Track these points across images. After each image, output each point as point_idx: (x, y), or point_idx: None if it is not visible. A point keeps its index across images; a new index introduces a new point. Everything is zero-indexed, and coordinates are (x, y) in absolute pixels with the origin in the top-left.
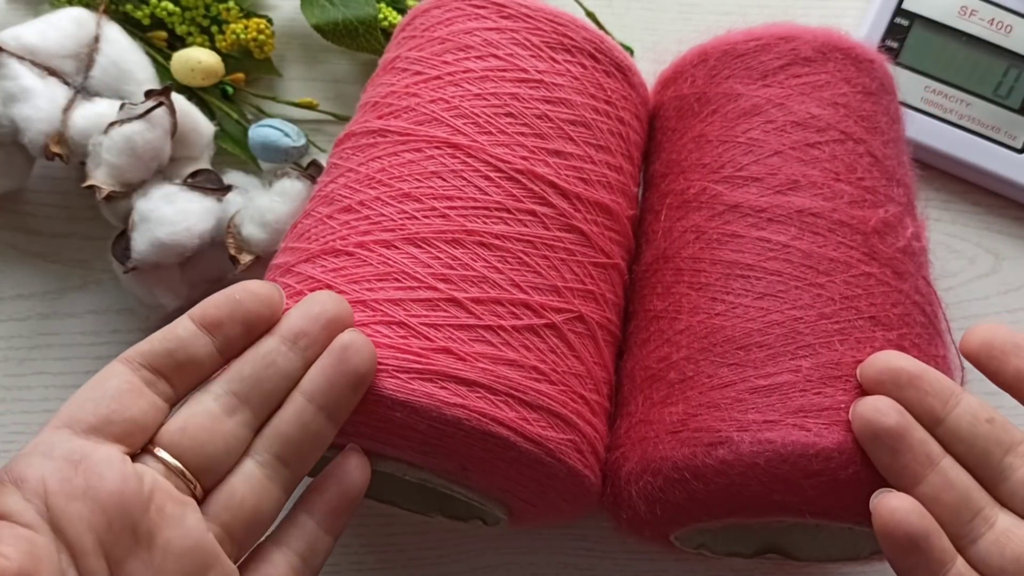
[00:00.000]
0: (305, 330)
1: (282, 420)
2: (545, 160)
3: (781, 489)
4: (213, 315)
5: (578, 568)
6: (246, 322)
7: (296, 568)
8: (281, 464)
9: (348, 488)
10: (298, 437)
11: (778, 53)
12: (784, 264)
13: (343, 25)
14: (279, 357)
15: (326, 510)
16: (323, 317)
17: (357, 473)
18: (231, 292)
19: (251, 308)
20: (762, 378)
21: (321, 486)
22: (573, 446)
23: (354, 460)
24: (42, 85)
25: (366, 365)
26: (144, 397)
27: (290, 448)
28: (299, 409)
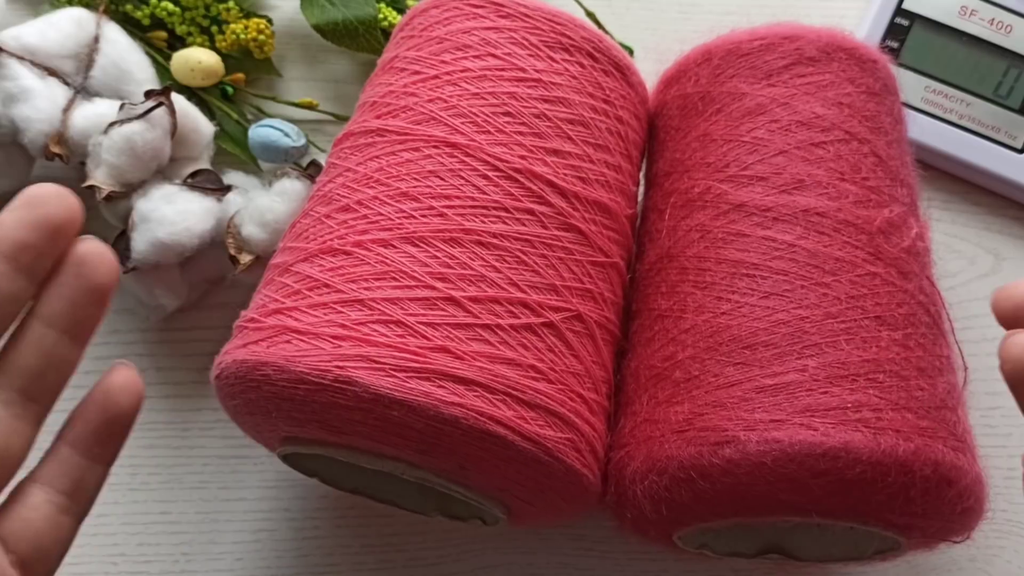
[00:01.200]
0: (27, 242)
1: (22, 352)
2: (543, 159)
3: (787, 488)
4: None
5: (578, 568)
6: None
7: (60, 505)
8: (28, 400)
9: (115, 413)
10: (41, 367)
11: (782, 53)
12: (790, 263)
13: (343, 25)
14: (2, 280)
15: (91, 439)
16: (47, 224)
17: (124, 395)
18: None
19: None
20: (768, 377)
21: (83, 411)
22: (571, 445)
23: (119, 378)
24: (42, 85)
25: (108, 276)
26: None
27: (34, 381)
28: (38, 337)
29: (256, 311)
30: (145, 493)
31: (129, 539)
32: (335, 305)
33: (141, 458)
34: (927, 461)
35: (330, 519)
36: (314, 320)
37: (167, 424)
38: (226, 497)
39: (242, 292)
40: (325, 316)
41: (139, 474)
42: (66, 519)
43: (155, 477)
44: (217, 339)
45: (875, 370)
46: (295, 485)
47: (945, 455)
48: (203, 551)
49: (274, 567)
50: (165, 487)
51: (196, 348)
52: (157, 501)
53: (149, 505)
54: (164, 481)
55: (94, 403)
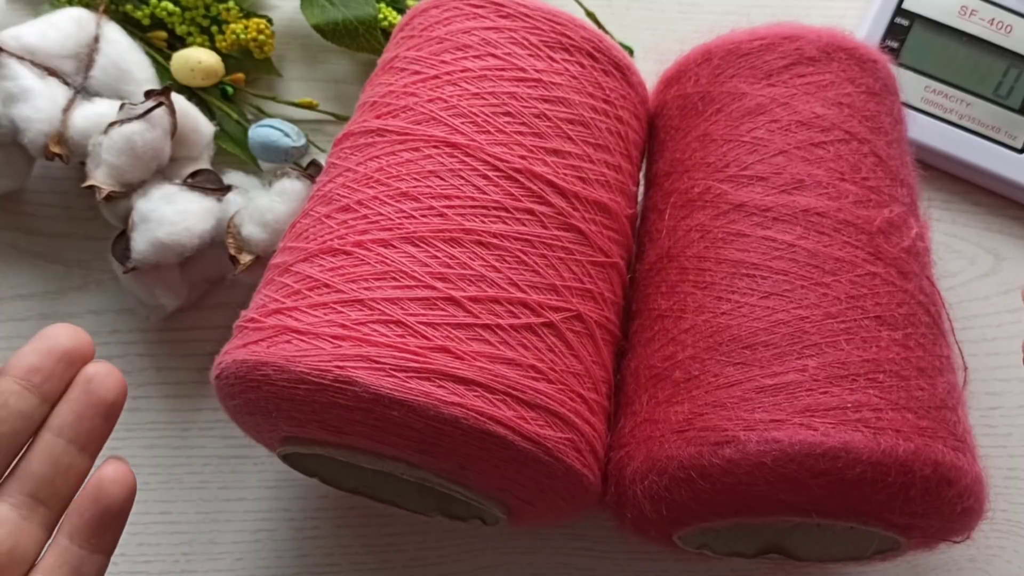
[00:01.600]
0: (38, 366)
1: (31, 459)
2: (543, 159)
3: (787, 488)
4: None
5: (578, 568)
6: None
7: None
8: (36, 503)
9: (106, 504)
10: (50, 474)
11: (782, 53)
12: (790, 263)
13: (343, 25)
14: (11, 397)
15: (87, 531)
16: (56, 350)
17: (115, 487)
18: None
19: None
20: (768, 377)
21: (78, 504)
22: (571, 445)
23: (111, 472)
24: (42, 85)
25: (113, 393)
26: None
27: (43, 486)
28: (48, 446)
29: (256, 311)
30: (145, 493)
31: (129, 539)
32: (335, 305)
33: (141, 458)
34: (927, 461)
35: (330, 519)
36: (314, 320)
37: (167, 424)
38: (226, 497)
39: (242, 292)
40: (325, 316)
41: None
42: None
43: (155, 477)
44: (217, 339)
45: (875, 370)
46: (295, 485)
47: (945, 455)
48: (203, 551)
49: (274, 567)
50: (165, 487)
51: (196, 348)
52: (157, 501)
53: (149, 505)
54: (164, 481)
55: (88, 496)
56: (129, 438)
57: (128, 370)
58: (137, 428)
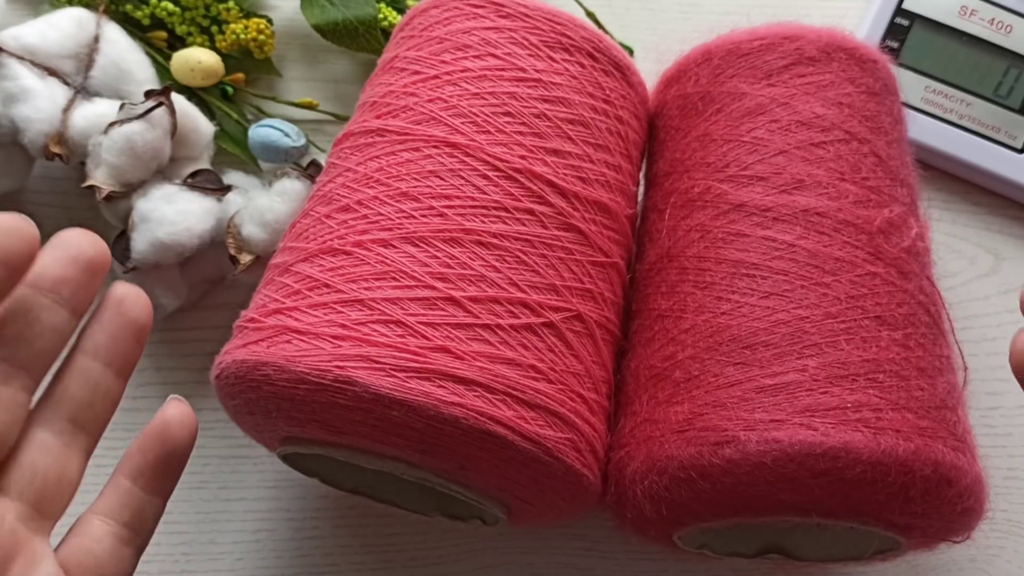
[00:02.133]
0: (65, 277)
1: (70, 383)
2: (543, 159)
3: (787, 488)
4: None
5: (578, 568)
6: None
7: (122, 537)
8: (77, 428)
9: (171, 446)
10: (89, 398)
11: (782, 53)
12: (790, 263)
13: (343, 25)
14: (43, 312)
15: (150, 473)
16: (81, 259)
17: (179, 428)
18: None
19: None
20: (768, 377)
21: (142, 446)
22: (571, 445)
23: (175, 413)
24: (42, 85)
25: (144, 315)
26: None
27: (83, 410)
28: (84, 368)
29: (256, 311)
30: None
31: None
32: (335, 305)
33: None
34: (927, 461)
35: (330, 519)
36: (314, 320)
37: None
38: (226, 497)
39: (242, 292)
40: (325, 316)
41: None
42: (127, 550)
43: None
44: (217, 339)
45: (875, 370)
46: (295, 485)
47: (945, 455)
48: (203, 551)
49: (274, 567)
50: None
51: (196, 348)
52: None
53: None
54: None
55: (152, 437)
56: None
57: None
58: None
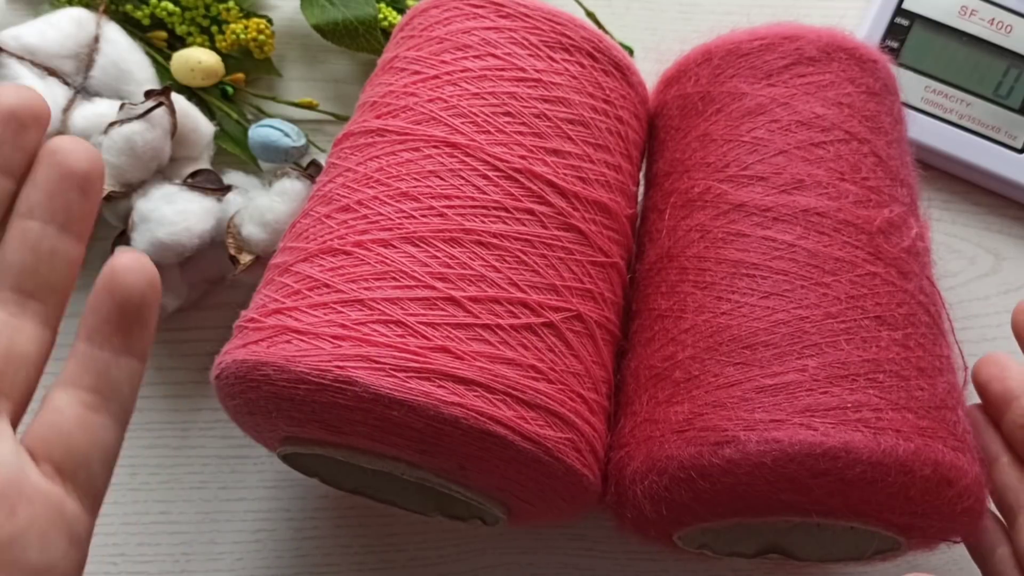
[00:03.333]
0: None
1: (4, 249)
2: (543, 159)
3: (787, 488)
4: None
5: (578, 568)
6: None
7: (90, 404)
8: (24, 296)
9: (125, 294)
10: (31, 261)
11: (782, 53)
12: (790, 263)
13: (343, 25)
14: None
15: (107, 329)
16: (10, 115)
17: (131, 275)
18: None
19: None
20: (768, 377)
21: (92, 302)
22: (571, 445)
23: (125, 260)
24: (42, 85)
25: (85, 163)
26: None
27: (26, 276)
28: (20, 231)
29: (256, 311)
30: (145, 493)
31: (129, 539)
32: (335, 305)
33: (141, 458)
34: (927, 461)
35: (330, 519)
36: (314, 320)
37: (167, 424)
38: (226, 497)
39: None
40: (325, 316)
41: (139, 474)
42: (98, 418)
43: (155, 477)
44: (217, 339)
45: (875, 370)
46: (295, 485)
47: (945, 455)
48: (203, 551)
49: (274, 567)
50: (165, 487)
51: (196, 348)
52: (157, 501)
53: (149, 505)
54: (164, 481)
55: (101, 288)
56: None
57: None
58: (137, 428)
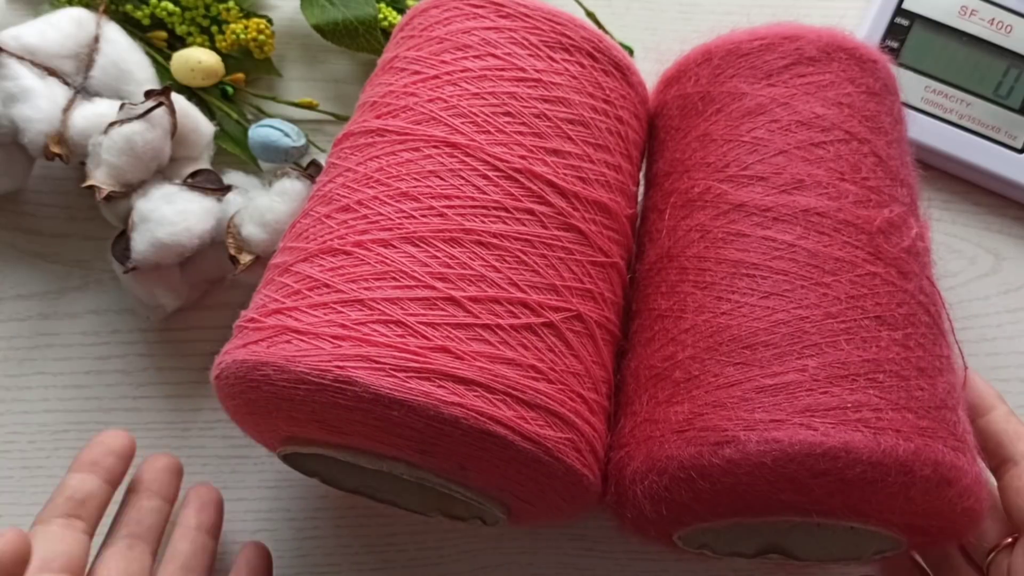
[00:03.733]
0: (162, 484)
1: (176, 541)
2: (543, 159)
3: (788, 488)
4: (88, 458)
5: (578, 568)
6: (115, 453)
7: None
8: (184, 571)
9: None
10: (191, 549)
11: (782, 53)
12: (790, 263)
13: (343, 25)
14: (149, 507)
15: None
16: (167, 471)
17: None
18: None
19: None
20: (768, 377)
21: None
22: (571, 445)
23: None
24: (42, 85)
25: (215, 501)
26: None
27: (187, 559)
28: (184, 532)
29: (256, 311)
30: None
31: None
32: (335, 305)
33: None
34: (927, 461)
35: (330, 519)
36: (314, 320)
37: (167, 424)
38: (226, 497)
39: (242, 292)
40: (325, 316)
41: None
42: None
43: None
44: (217, 339)
45: (875, 370)
46: (295, 485)
47: (945, 455)
48: None
49: (274, 567)
50: None
51: (196, 348)
52: None
53: None
54: None
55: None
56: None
57: (128, 370)
58: (137, 428)
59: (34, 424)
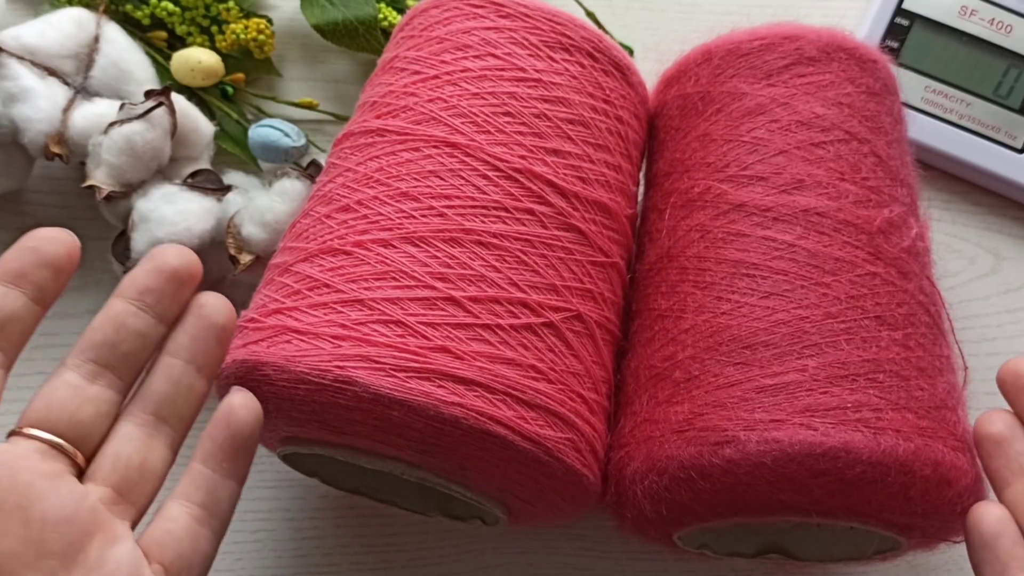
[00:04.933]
0: (149, 286)
1: (152, 379)
2: (543, 159)
3: (787, 488)
4: (14, 267)
5: (578, 568)
6: (50, 265)
7: (199, 517)
8: (159, 421)
9: (238, 428)
10: (171, 392)
11: (782, 53)
12: (790, 263)
13: (343, 25)
14: (128, 318)
15: (220, 455)
16: (165, 270)
17: (243, 411)
18: (23, 243)
19: (49, 251)
20: (768, 377)
21: (210, 430)
22: (571, 445)
23: (238, 398)
24: (42, 85)
25: (224, 317)
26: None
27: (164, 404)
28: (167, 367)
29: (256, 311)
30: None
31: None
32: (335, 305)
33: None
34: (927, 461)
35: (330, 519)
36: (314, 320)
37: None
38: None
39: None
40: (325, 316)
41: None
42: (204, 531)
43: None
44: None
45: (875, 370)
46: (295, 485)
47: (945, 455)
48: None
49: (274, 567)
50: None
51: None
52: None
53: None
54: None
55: (219, 420)
56: None
57: None
58: None
59: None
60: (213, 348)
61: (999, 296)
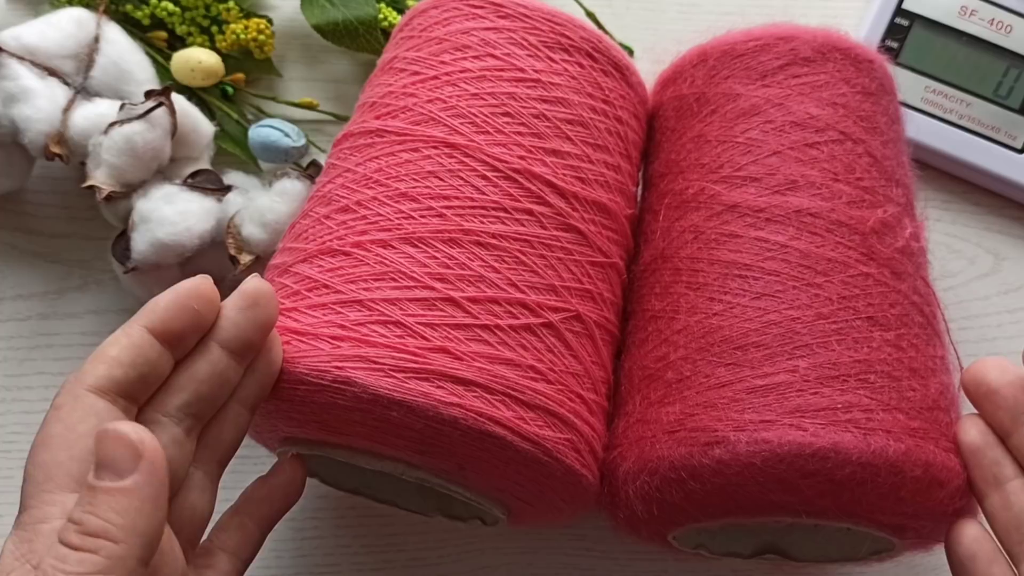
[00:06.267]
0: (254, 343)
1: (223, 430)
2: (543, 159)
3: (778, 489)
4: (176, 330)
5: (578, 568)
6: (201, 330)
7: (237, 568)
8: (220, 467)
9: (292, 500)
10: (235, 442)
11: (777, 53)
12: (782, 264)
13: (343, 25)
14: (231, 373)
15: (270, 518)
16: (268, 326)
17: (298, 485)
18: (187, 302)
19: (207, 316)
20: (759, 378)
21: (268, 497)
22: (570, 445)
23: (299, 472)
24: (42, 85)
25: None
26: None
27: (228, 453)
28: (236, 416)
29: None
30: None
31: None
32: (334, 306)
33: None
34: (918, 462)
35: (330, 519)
36: (313, 321)
37: None
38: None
39: None
40: (324, 317)
41: None
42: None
43: None
44: None
45: (866, 371)
46: None
47: (936, 456)
48: None
49: (274, 567)
50: None
51: None
52: None
53: None
54: None
55: (278, 489)
56: None
57: None
58: None
59: (34, 424)
60: (265, 393)
61: (999, 296)
